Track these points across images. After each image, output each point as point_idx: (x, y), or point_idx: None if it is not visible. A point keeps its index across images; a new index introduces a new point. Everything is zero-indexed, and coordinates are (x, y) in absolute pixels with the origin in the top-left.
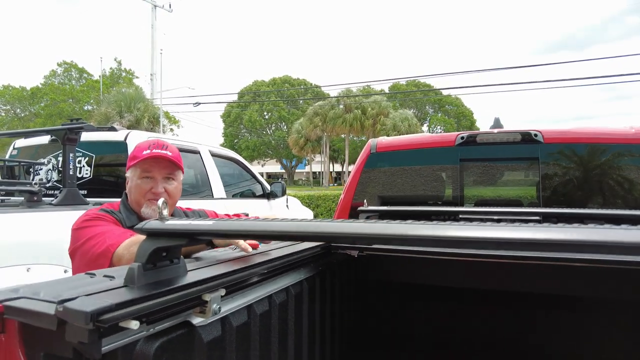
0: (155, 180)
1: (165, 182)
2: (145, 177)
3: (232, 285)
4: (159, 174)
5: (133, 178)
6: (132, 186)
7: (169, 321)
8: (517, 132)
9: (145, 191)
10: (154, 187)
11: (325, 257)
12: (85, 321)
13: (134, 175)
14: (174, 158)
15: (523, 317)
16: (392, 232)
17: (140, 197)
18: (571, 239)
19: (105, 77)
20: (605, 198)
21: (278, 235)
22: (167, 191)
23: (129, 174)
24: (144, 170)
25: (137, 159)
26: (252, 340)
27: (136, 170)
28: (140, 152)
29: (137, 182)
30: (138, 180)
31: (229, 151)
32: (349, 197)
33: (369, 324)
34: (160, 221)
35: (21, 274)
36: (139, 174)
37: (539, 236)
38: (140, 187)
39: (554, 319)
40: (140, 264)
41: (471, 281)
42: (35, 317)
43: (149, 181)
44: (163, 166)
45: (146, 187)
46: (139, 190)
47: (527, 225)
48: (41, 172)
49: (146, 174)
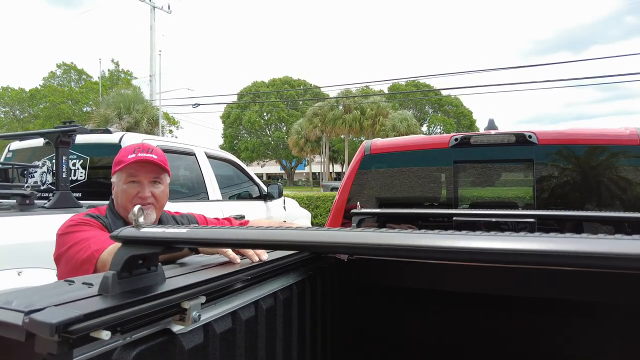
0: (142, 185)
1: (152, 186)
2: (132, 182)
3: (213, 292)
4: (145, 178)
5: (119, 183)
6: (118, 191)
7: (146, 329)
8: (511, 133)
9: (132, 196)
10: (141, 192)
11: (315, 261)
12: (51, 333)
13: (120, 180)
14: (160, 161)
15: (515, 321)
16: (371, 241)
17: (127, 202)
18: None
19: (104, 78)
20: (600, 199)
21: (256, 244)
22: (154, 195)
23: (114, 179)
24: (129, 175)
25: (123, 164)
26: (238, 347)
27: (122, 174)
28: (125, 156)
29: (123, 187)
30: (124, 185)
31: (225, 153)
32: (343, 199)
33: (359, 328)
34: (135, 228)
35: (12, 278)
36: (124, 179)
37: (535, 247)
38: (127, 192)
39: (547, 323)
40: (115, 272)
41: (462, 285)
42: (4, 328)
43: (135, 186)
44: (149, 170)
45: (133, 191)
46: (125, 195)
47: (522, 235)
48: (36, 174)
49: (132, 178)
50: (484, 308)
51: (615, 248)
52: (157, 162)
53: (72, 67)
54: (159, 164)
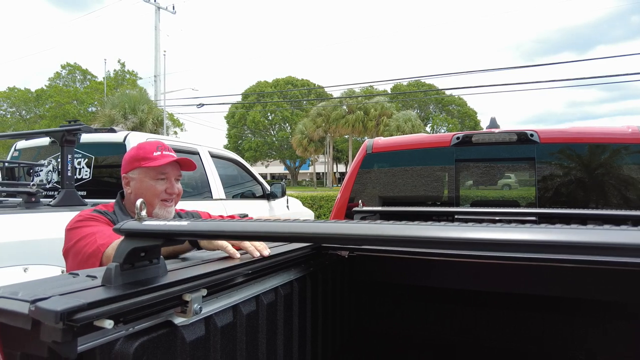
0: (170, 181)
1: (177, 183)
2: (160, 179)
3: (214, 285)
4: (172, 175)
5: (143, 179)
6: (141, 187)
7: (149, 321)
8: (513, 132)
9: (160, 192)
10: (169, 188)
11: (316, 257)
12: (56, 320)
13: (145, 177)
14: (185, 161)
15: (517, 319)
16: (370, 232)
17: (154, 198)
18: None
19: (109, 79)
20: (602, 198)
21: (257, 236)
22: (179, 192)
23: (134, 175)
24: (159, 173)
25: (151, 161)
26: (239, 340)
27: (148, 171)
28: (150, 153)
29: (150, 183)
30: (151, 181)
31: (228, 152)
32: (345, 197)
33: (360, 324)
34: (137, 221)
35: (19, 275)
36: (152, 175)
37: (535, 237)
38: (155, 188)
39: (547, 321)
40: (118, 264)
41: (463, 282)
42: (11, 317)
43: (163, 182)
44: (176, 167)
45: (161, 188)
46: (153, 191)
47: (522, 226)
48: (41, 173)
49: (162, 175)
50: (484, 305)
51: (616, 238)
52: (182, 162)
53: (77, 67)
54: (181, 163)
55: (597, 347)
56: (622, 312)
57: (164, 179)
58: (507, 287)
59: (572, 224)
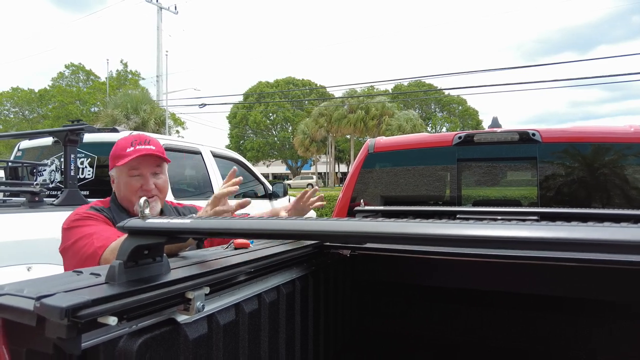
0: (145, 177)
1: (154, 178)
2: (134, 175)
3: (217, 283)
4: (146, 170)
5: (120, 176)
6: (120, 184)
7: (152, 318)
8: (514, 131)
9: (136, 189)
10: (145, 185)
11: (318, 256)
12: (61, 316)
13: (121, 174)
14: (159, 152)
15: (521, 319)
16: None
17: (131, 195)
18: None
19: (111, 79)
20: (605, 197)
21: (258, 233)
22: (157, 186)
23: (113, 173)
24: (131, 168)
25: (122, 159)
26: (241, 339)
27: (122, 168)
28: (124, 149)
29: (126, 180)
30: (127, 178)
31: (230, 151)
32: (347, 197)
33: (362, 323)
34: (141, 219)
35: (22, 273)
36: (126, 172)
37: (536, 235)
38: (130, 185)
39: (549, 321)
40: (122, 261)
41: (464, 281)
42: (17, 313)
43: (138, 179)
44: (150, 162)
45: (136, 184)
46: (129, 189)
47: (524, 224)
48: (45, 173)
49: (134, 172)
50: (486, 305)
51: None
52: (155, 153)
53: (80, 67)
54: (158, 155)
55: (602, 347)
56: (628, 312)
57: (137, 175)
58: (511, 286)
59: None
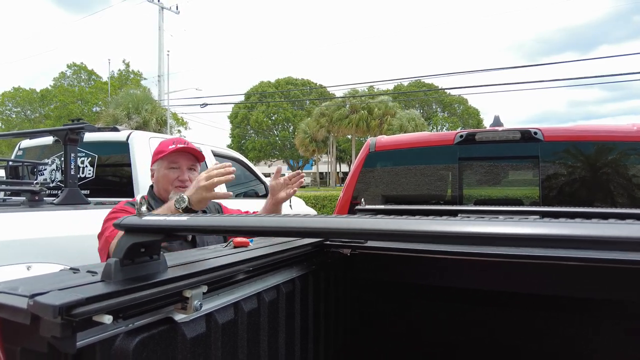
0: (182, 170)
1: (189, 172)
2: (172, 168)
3: (215, 282)
4: (184, 164)
5: (160, 169)
6: (159, 176)
7: (149, 317)
8: (516, 130)
9: (173, 179)
10: (181, 176)
11: (318, 255)
12: (54, 314)
13: (161, 167)
14: (196, 151)
15: (522, 318)
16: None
17: (167, 184)
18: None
19: (113, 78)
20: (607, 196)
21: (257, 230)
22: (190, 180)
23: (155, 167)
24: (170, 162)
25: (164, 153)
26: (240, 338)
27: (163, 162)
28: (166, 147)
29: (164, 172)
30: (165, 170)
31: (231, 151)
32: (347, 196)
33: (362, 322)
34: (137, 217)
35: (22, 272)
36: (166, 165)
37: (536, 231)
38: (168, 176)
39: (551, 321)
40: (118, 259)
41: (465, 281)
42: (11, 312)
43: (176, 171)
44: (187, 158)
45: (173, 175)
46: (166, 179)
47: (526, 221)
48: (45, 172)
49: (173, 165)
50: (486, 305)
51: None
52: (194, 151)
53: (82, 67)
54: (195, 154)
55: (604, 346)
56: (635, 311)
57: (175, 167)
58: (512, 286)
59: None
